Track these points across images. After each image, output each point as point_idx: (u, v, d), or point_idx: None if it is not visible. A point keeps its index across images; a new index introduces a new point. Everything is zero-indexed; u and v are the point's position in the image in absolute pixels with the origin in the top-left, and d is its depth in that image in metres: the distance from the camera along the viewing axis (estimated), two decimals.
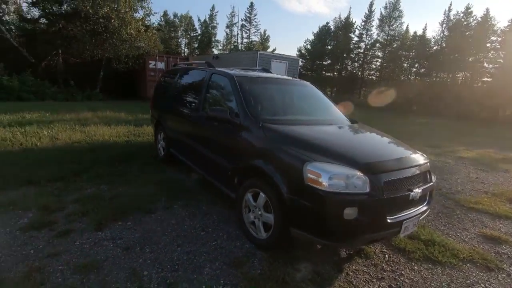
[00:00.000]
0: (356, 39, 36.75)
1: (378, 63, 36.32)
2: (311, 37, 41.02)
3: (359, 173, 2.26)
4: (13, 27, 15.89)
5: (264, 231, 2.72)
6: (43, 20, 15.71)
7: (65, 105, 11.71)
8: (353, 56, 37.28)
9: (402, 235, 2.47)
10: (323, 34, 38.80)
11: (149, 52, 15.94)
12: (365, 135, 3.31)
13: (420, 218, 2.66)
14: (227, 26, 46.66)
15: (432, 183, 2.75)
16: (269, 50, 39.99)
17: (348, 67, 38.60)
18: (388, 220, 2.31)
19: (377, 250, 2.92)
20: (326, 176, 2.22)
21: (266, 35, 46.93)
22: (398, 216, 2.39)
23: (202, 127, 3.81)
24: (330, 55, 38.35)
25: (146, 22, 16.94)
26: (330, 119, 3.65)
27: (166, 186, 4.12)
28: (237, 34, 47.25)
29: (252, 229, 2.85)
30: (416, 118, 17.58)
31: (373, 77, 37.12)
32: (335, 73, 39.62)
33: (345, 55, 37.17)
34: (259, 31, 46.22)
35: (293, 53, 45.58)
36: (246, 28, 46.25)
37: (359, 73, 37.28)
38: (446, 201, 4.44)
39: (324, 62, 39.76)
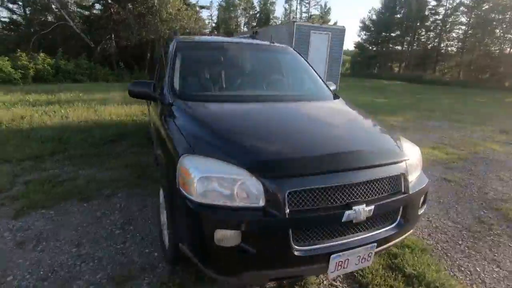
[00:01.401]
0: (433, 3, 31.17)
1: (460, 31, 30.42)
2: (378, 6, 36.34)
3: (248, 176, 1.44)
4: (77, 16, 17.43)
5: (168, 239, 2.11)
6: (97, 6, 16.93)
7: (110, 86, 12.47)
8: (428, 24, 31.85)
9: (333, 274, 1.57)
10: (392, 0, 33.90)
11: (192, 31, 15.89)
12: (321, 117, 2.26)
13: (382, 247, 1.71)
14: (286, 1, 44.56)
15: (406, 195, 1.72)
16: (330, 23, 36.86)
17: (421, 38, 33.29)
18: (295, 253, 1.46)
19: (325, 281, 2.05)
20: (196, 177, 1.47)
21: (327, 8, 43.47)
22: (317, 246, 1.51)
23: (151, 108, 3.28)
24: (400, 25, 33.51)
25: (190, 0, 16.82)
26: (295, 95, 2.73)
27: (138, 171, 3.76)
28: (296, 8, 44.83)
29: (164, 234, 2.27)
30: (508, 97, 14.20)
31: (453, 49, 31.39)
32: (405, 46, 34.72)
33: (418, 23, 32.03)
34: (319, 3, 42.99)
35: (356, 26, 41.13)
36: (305, 1, 43.46)
37: (435, 45, 31.87)
38: (484, 211, 3.13)
39: (391, 34, 35.05)
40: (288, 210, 1.43)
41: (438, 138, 6.21)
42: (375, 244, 1.63)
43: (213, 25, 41.46)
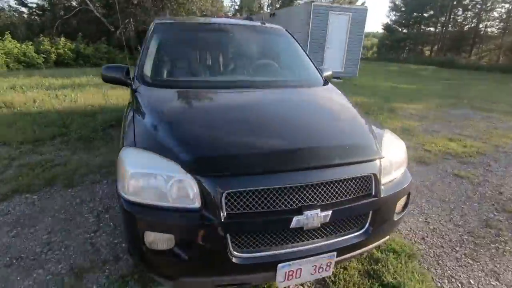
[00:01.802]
0: None
1: (503, 10, 27.62)
2: None
3: (183, 174, 1.28)
4: (97, 0, 17.65)
5: None
6: None
7: None
8: (466, 3, 29.18)
9: (282, 284, 1.40)
10: None
11: (209, 14, 15.62)
12: (295, 107, 2.01)
13: (344, 257, 1.51)
14: None
15: (377, 198, 1.49)
16: (358, 3, 34.83)
17: (458, 18, 30.67)
18: (234, 260, 1.30)
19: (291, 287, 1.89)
20: (129, 172, 1.34)
21: None
22: (260, 254, 1.35)
23: None
24: (433, 4, 30.98)
25: None
26: (278, 81, 2.49)
27: None
28: None
29: None
30: None
31: (493, 30, 28.70)
32: (438, 28, 32.22)
33: (454, 2, 29.44)
34: None
35: (385, 6, 38.52)
36: None
37: (473, 26, 29.27)
38: (494, 214, 2.79)
39: (424, 14, 32.55)
40: (225, 214, 1.27)
41: (459, 128, 5.68)
42: (335, 253, 1.43)
43: (236, 7, 40.61)
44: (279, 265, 1.34)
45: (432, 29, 32.96)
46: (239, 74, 2.60)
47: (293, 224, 1.30)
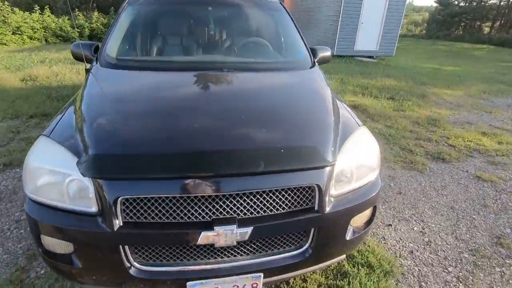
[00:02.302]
0: None
1: None
2: None
3: (76, 174, 1.12)
4: None
5: None
6: None
7: None
8: None
9: None
10: None
11: None
12: (249, 96, 1.71)
13: (275, 278, 1.29)
14: None
15: (320, 214, 1.22)
16: None
17: None
18: (132, 273, 1.14)
19: None
20: (29, 165, 1.21)
21: None
22: (164, 269, 1.17)
23: None
24: None
25: None
26: (254, 62, 2.18)
27: None
28: None
29: None
30: None
31: None
32: (504, 0, 28.03)
33: None
34: None
35: None
36: None
37: None
38: (511, 229, 2.33)
39: None
40: (121, 222, 1.10)
41: (498, 122, 4.90)
42: (261, 274, 1.21)
43: None
44: (189, 283, 1.16)
45: (494, 1, 28.76)
46: (215, 53, 2.33)
47: (201, 240, 1.10)
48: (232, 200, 1.13)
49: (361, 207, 1.35)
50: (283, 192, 1.18)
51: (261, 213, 1.16)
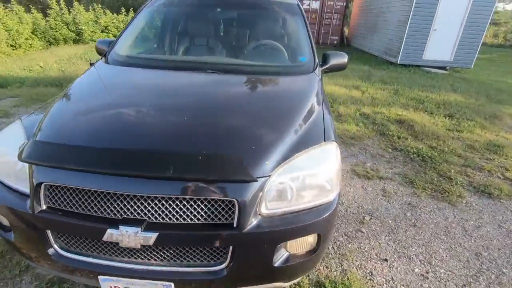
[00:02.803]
0: None
1: None
2: None
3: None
4: None
5: None
6: None
7: None
8: None
9: None
10: None
11: None
12: (232, 101, 1.63)
13: None
14: None
15: (238, 233, 1.09)
16: None
17: None
18: (51, 256, 1.21)
19: None
20: None
21: None
22: (81, 258, 1.22)
23: None
24: None
25: None
26: (251, 65, 2.09)
27: None
28: None
29: None
30: None
31: None
32: None
33: None
34: None
35: None
36: None
37: None
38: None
39: None
40: (43, 206, 1.16)
41: None
42: (172, 284, 1.16)
43: None
44: (100, 277, 1.17)
45: None
46: (219, 55, 2.32)
47: (106, 236, 1.09)
48: (143, 202, 1.10)
49: (296, 232, 1.18)
50: (198, 202, 1.11)
51: (172, 221, 1.11)
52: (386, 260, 2.03)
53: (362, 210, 2.54)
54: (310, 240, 1.25)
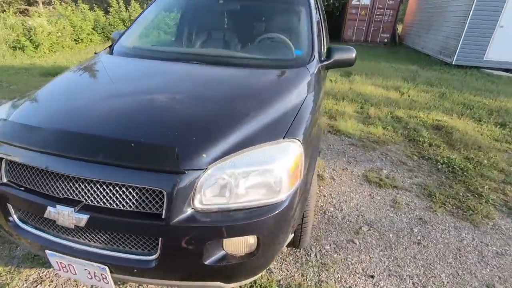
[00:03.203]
0: None
1: None
2: None
3: None
4: None
5: None
6: None
7: None
8: None
9: (61, 273, 1.27)
10: None
11: None
12: (206, 92, 1.58)
13: (124, 277, 1.22)
14: None
15: (166, 224, 1.06)
16: None
17: None
18: (9, 225, 1.31)
19: None
20: None
21: None
22: (32, 231, 1.31)
23: None
24: None
25: None
26: (245, 58, 2.04)
27: None
28: None
29: None
30: None
31: None
32: None
33: None
34: None
35: None
36: None
37: None
38: None
39: None
40: (4, 180, 1.26)
41: None
42: (106, 268, 1.17)
43: None
44: (47, 251, 1.24)
45: None
46: (212, 47, 2.30)
47: (46, 213, 1.15)
48: (81, 184, 1.13)
49: (230, 231, 1.11)
50: (130, 190, 1.10)
51: (106, 205, 1.12)
52: (372, 276, 1.82)
53: (362, 220, 2.32)
54: (250, 241, 1.17)
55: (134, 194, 1.10)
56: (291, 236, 1.56)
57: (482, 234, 2.23)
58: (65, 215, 1.11)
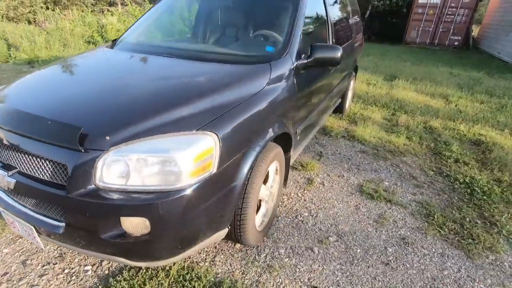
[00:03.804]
0: None
1: None
2: None
3: None
4: None
5: None
6: None
7: None
8: None
9: (12, 229, 1.51)
10: None
11: None
12: (163, 82, 1.66)
13: (47, 238, 1.39)
14: None
15: (65, 196, 1.18)
16: None
17: None
18: None
19: None
20: None
21: None
22: None
23: None
24: None
25: None
26: (219, 53, 2.07)
27: None
28: None
29: None
30: None
31: None
32: None
33: None
34: None
35: None
36: None
37: None
38: None
39: None
40: None
41: None
42: (33, 228, 1.35)
43: None
44: (0, 208, 1.47)
45: None
46: (190, 42, 2.39)
47: None
48: (18, 154, 1.32)
49: (121, 210, 1.18)
50: (47, 162, 1.25)
51: (27, 172, 1.29)
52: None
53: (334, 230, 2.17)
54: (146, 223, 1.22)
55: (50, 166, 1.25)
56: (224, 229, 1.57)
57: (474, 267, 1.90)
58: (1, 177, 1.32)
